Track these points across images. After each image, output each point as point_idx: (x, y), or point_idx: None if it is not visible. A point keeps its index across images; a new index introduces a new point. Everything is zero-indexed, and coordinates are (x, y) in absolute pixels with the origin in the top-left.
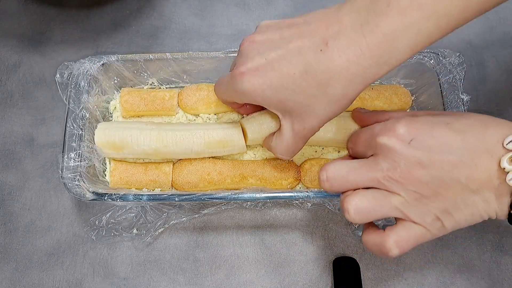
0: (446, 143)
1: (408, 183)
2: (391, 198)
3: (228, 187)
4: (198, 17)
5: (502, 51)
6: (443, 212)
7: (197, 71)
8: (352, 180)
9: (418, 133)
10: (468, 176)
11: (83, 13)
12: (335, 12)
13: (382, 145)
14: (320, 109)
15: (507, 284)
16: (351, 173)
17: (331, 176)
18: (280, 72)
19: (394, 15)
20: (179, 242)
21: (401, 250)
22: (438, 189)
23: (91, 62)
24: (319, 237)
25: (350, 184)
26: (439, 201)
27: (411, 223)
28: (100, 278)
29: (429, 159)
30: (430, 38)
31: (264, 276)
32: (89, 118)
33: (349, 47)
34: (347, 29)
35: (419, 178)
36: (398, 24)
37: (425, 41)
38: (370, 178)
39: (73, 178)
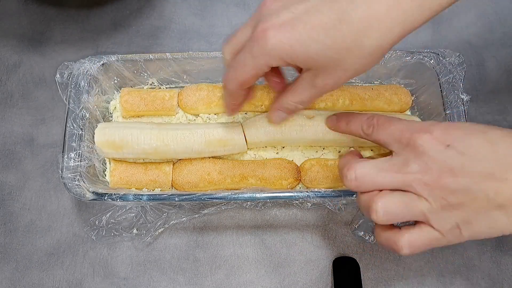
0: (480, 153)
1: (436, 188)
2: (419, 203)
3: (228, 187)
4: (198, 17)
5: (502, 51)
6: (464, 222)
7: (197, 71)
8: (381, 181)
9: (456, 139)
10: (497, 190)
11: (83, 13)
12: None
13: (418, 145)
14: (350, 63)
15: (507, 284)
16: (381, 174)
17: (359, 176)
18: (310, 24)
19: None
20: (179, 242)
21: (413, 251)
22: (464, 199)
23: (91, 62)
24: (319, 237)
25: (378, 185)
26: (463, 210)
27: (430, 227)
28: (100, 278)
29: (461, 167)
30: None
31: (264, 276)
32: (89, 118)
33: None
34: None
35: (448, 185)
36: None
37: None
38: (400, 180)
39: (73, 178)
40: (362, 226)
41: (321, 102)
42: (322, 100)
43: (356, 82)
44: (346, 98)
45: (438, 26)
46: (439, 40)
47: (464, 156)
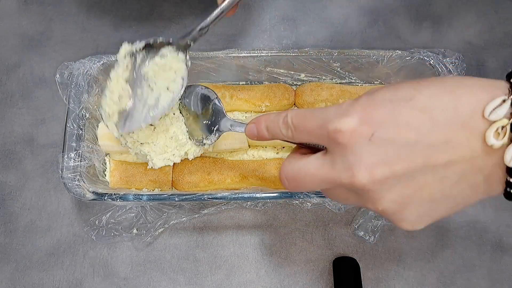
0: (413, 129)
1: (372, 182)
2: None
3: (228, 187)
4: (198, 17)
5: (502, 51)
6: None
7: (197, 71)
8: (310, 182)
9: (378, 122)
10: (446, 165)
11: (83, 13)
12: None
13: (339, 142)
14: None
15: (507, 284)
16: (308, 176)
17: (289, 177)
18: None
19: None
20: (179, 242)
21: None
22: (411, 189)
23: (91, 62)
24: (319, 237)
25: (309, 186)
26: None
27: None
28: (100, 278)
29: (396, 156)
30: None
31: (264, 276)
32: (89, 118)
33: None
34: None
35: (385, 178)
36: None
37: None
38: (330, 180)
39: (73, 178)
40: (362, 226)
41: (321, 102)
42: (322, 100)
43: (356, 82)
44: (346, 98)
45: (438, 26)
46: (439, 40)
47: (393, 141)
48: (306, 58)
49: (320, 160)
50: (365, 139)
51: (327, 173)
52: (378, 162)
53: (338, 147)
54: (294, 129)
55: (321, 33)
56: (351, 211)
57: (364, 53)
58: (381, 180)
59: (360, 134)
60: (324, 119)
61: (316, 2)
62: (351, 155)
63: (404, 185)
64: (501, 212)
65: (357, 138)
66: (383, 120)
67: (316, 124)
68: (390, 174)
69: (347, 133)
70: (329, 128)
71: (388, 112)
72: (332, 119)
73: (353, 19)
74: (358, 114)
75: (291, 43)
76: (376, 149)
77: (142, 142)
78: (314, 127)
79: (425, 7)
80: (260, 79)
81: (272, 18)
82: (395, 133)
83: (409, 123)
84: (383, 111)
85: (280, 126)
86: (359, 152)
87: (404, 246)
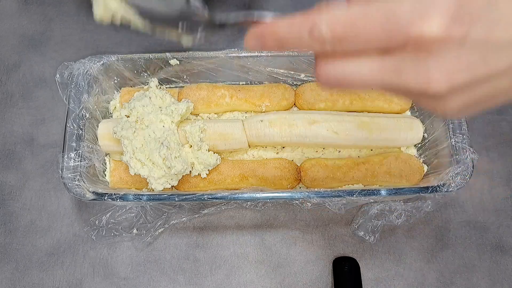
0: (510, 26)
1: (449, 89)
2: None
3: (228, 187)
4: None
5: None
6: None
7: (197, 71)
8: (361, 86)
9: (473, 19)
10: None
11: (83, 13)
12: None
13: (418, 47)
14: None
15: (507, 284)
16: (361, 81)
17: (332, 79)
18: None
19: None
20: (179, 242)
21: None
22: (482, 92)
23: (91, 62)
24: (319, 237)
25: (358, 88)
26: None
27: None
28: (100, 278)
29: (482, 59)
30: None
31: (264, 276)
32: (89, 118)
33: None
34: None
35: (463, 84)
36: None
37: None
38: (391, 87)
39: (73, 178)
40: (362, 226)
41: (321, 102)
42: (322, 100)
43: None
44: (346, 98)
45: None
46: None
47: (484, 45)
48: (306, 58)
49: (379, 62)
50: (456, 43)
51: (390, 79)
52: (461, 67)
53: (416, 52)
54: (338, 42)
55: None
56: (351, 211)
57: None
58: (458, 86)
59: (451, 38)
60: (396, 21)
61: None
62: (433, 60)
63: (477, 89)
64: (501, 212)
65: (447, 43)
66: (479, 15)
67: (383, 28)
68: (470, 79)
69: (436, 39)
70: (410, 32)
71: (485, 3)
72: (411, 19)
73: None
74: (448, 10)
75: None
76: (464, 52)
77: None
78: (379, 32)
79: None
80: (260, 79)
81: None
82: (490, 32)
83: (504, 18)
84: (479, 3)
85: (305, 40)
86: (444, 57)
87: (404, 246)
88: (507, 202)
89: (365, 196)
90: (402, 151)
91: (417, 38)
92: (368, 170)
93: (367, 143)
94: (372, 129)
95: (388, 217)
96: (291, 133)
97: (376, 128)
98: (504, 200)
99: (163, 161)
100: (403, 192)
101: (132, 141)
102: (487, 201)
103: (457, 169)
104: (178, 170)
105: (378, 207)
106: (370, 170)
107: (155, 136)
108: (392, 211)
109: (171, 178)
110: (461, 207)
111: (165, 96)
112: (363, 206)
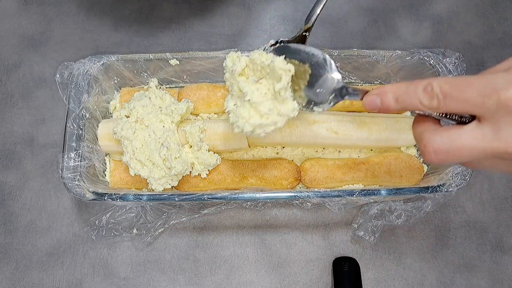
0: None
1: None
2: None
3: (228, 187)
4: (198, 17)
5: (502, 51)
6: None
7: (197, 71)
8: (466, 155)
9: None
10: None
11: (83, 13)
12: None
13: (509, 109)
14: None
15: (507, 284)
16: (466, 149)
17: (440, 150)
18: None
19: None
20: (179, 242)
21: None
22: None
23: (91, 62)
24: (319, 237)
25: (463, 159)
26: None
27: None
28: (100, 278)
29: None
30: None
31: (264, 276)
32: (89, 118)
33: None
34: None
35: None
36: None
37: None
38: (492, 151)
39: (73, 178)
40: (362, 226)
41: None
42: None
43: (356, 82)
44: None
45: (438, 26)
46: (439, 40)
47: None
48: None
49: (479, 130)
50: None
51: (490, 143)
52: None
53: (508, 115)
54: (443, 98)
55: (321, 33)
56: (351, 211)
57: (364, 53)
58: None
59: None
60: (491, 88)
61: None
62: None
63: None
64: (501, 212)
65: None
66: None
67: (478, 93)
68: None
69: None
70: (501, 96)
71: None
72: (504, 87)
73: (353, 19)
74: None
75: None
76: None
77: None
78: (474, 95)
79: (425, 7)
80: None
81: (272, 18)
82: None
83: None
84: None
85: (419, 95)
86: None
87: (404, 246)
88: (507, 202)
89: (365, 196)
90: (402, 151)
91: (508, 100)
92: (368, 170)
93: (367, 143)
94: (372, 129)
95: (388, 217)
96: (291, 133)
97: (376, 128)
98: (504, 200)
99: (163, 161)
100: (403, 192)
101: (132, 142)
102: (487, 201)
103: (457, 169)
104: (178, 171)
105: (378, 207)
106: (370, 170)
107: (155, 137)
108: (392, 211)
109: (171, 178)
110: (461, 207)
111: (165, 96)
112: (363, 206)
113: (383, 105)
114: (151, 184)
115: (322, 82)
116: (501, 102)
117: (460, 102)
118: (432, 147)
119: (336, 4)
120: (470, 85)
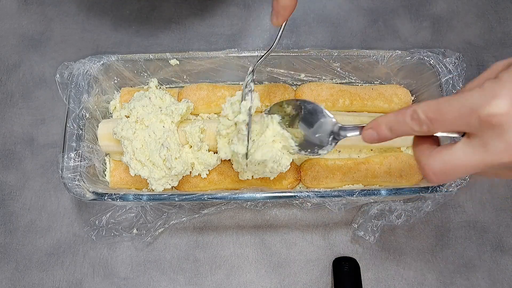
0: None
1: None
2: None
3: (228, 187)
4: (198, 17)
5: (502, 51)
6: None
7: (197, 71)
8: (462, 172)
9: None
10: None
11: (83, 13)
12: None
13: (491, 124)
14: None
15: (507, 284)
16: (460, 166)
17: (437, 171)
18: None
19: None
20: (179, 242)
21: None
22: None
23: (91, 62)
24: (319, 237)
25: (461, 175)
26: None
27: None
28: (100, 278)
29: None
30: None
31: (264, 276)
32: (89, 118)
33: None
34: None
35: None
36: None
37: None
38: (485, 164)
39: (73, 178)
40: (362, 226)
41: (321, 103)
42: (322, 100)
43: (356, 82)
44: (346, 98)
45: (438, 26)
46: (439, 40)
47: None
48: (306, 58)
49: (469, 147)
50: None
51: (481, 157)
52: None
53: (492, 129)
54: (430, 123)
55: (321, 33)
56: (351, 211)
57: (364, 53)
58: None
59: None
60: (470, 106)
61: (316, 2)
62: (508, 133)
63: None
64: (501, 212)
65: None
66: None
67: (460, 113)
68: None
69: (503, 115)
70: (481, 113)
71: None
72: (481, 104)
73: (353, 19)
74: (508, 93)
75: (291, 43)
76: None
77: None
78: (457, 116)
79: (425, 7)
80: (260, 79)
81: None
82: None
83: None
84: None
85: (409, 123)
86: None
87: (404, 246)
88: (507, 202)
89: (365, 196)
90: (402, 151)
91: (490, 115)
92: (368, 170)
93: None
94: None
95: (388, 217)
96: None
97: None
98: (504, 200)
99: (164, 162)
100: (403, 192)
101: (132, 142)
102: (487, 201)
103: None
104: (178, 171)
105: (378, 207)
106: (370, 170)
107: (155, 137)
108: (392, 211)
109: (171, 178)
110: (461, 207)
111: (165, 96)
112: (363, 206)
113: (380, 136)
114: (151, 184)
115: (319, 127)
116: (482, 119)
117: (446, 124)
118: (430, 171)
119: (336, 4)
120: (450, 107)
